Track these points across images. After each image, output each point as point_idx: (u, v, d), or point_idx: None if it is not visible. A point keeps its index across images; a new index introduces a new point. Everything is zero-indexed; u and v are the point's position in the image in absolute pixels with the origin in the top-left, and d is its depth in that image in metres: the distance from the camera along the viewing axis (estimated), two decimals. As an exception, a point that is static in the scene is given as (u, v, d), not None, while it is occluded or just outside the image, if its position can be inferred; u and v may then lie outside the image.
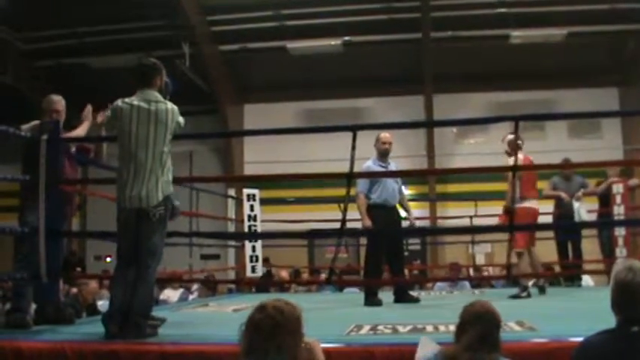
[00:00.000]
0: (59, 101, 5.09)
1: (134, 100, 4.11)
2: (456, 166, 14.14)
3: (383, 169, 6.51)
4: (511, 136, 6.13)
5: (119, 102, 4.15)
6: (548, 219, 8.28)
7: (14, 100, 14.17)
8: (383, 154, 6.54)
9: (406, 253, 11.27)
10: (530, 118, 10.40)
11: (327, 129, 8.78)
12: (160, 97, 4.20)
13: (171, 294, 9.94)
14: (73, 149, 5.27)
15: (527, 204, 6.41)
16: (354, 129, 4.96)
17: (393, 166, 6.66)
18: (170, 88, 4.77)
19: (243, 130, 16.54)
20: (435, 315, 4.77)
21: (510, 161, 5.93)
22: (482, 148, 14.60)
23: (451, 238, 12.47)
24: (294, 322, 2.41)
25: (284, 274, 10.43)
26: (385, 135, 6.57)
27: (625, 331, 2.41)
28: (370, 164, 6.51)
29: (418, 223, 7.54)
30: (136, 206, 4.00)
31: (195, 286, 10.48)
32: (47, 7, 13.74)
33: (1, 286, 9.08)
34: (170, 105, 4.19)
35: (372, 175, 6.38)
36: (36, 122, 4.85)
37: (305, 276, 10.91)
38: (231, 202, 10.29)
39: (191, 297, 9.99)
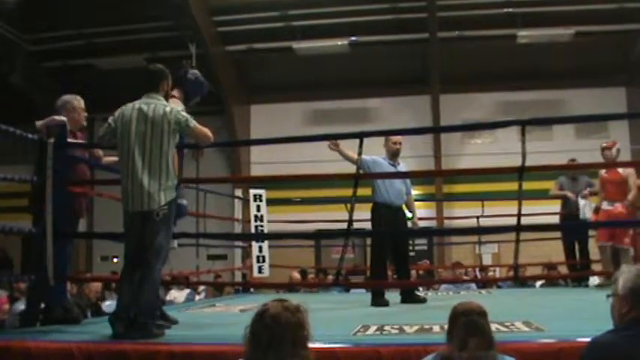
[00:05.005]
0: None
1: (136, 104, 4.17)
2: (463, 166, 14.07)
3: (392, 168, 6.47)
4: (619, 145, 7.64)
5: (122, 107, 4.21)
6: (554, 219, 8.30)
7: (21, 101, 14.24)
8: (394, 154, 6.51)
9: (412, 254, 11.25)
10: (537, 123, 10.32)
11: (334, 137, 8.69)
12: (162, 99, 4.22)
13: (177, 294, 9.96)
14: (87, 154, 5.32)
15: (611, 206, 7.36)
16: (361, 136, 4.92)
17: (402, 166, 6.62)
18: (204, 90, 4.80)
19: (249, 140, 16.42)
20: (441, 315, 4.70)
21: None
22: (489, 148, 14.58)
23: (458, 239, 12.44)
24: (293, 330, 2.34)
25: (296, 274, 10.42)
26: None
27: (634, 330, 2.41)
28: (381, 159, 6.45)
29: (425, 223, 7.52)
30: (138, 208, 4.03)
31: (202, 287, 10.50)
32: (55, 8, 13.80)
33: (11, 287, 9.10)
34: (169, 107, 4.17)
35: (379, 177, 6.34)
36: (53, 118, 4.87)
37: (311, 276, 10.90)
38: (237, 203, 10.29)
39: (197, 297, 10.01)
